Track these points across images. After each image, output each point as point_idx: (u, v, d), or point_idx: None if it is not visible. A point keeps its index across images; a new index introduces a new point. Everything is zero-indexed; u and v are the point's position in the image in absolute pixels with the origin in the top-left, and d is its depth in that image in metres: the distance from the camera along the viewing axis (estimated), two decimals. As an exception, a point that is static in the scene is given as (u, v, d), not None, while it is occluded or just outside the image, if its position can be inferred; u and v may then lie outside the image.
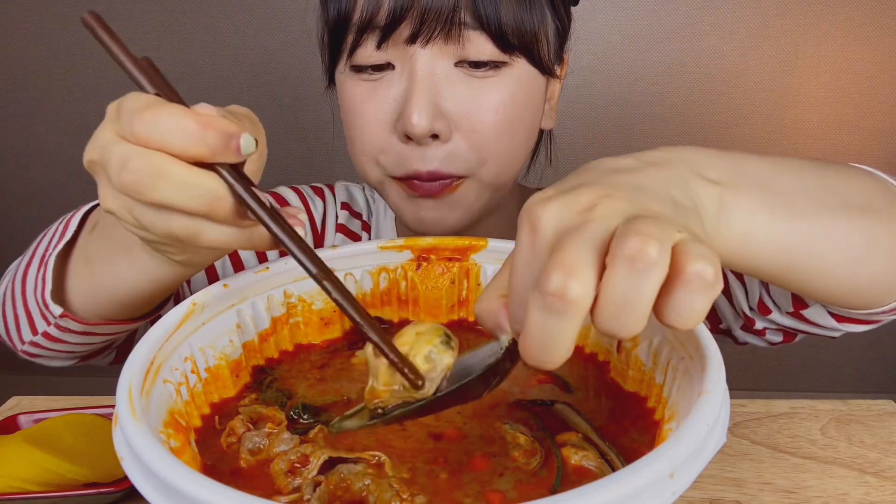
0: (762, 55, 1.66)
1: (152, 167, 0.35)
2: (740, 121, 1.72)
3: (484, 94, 0.61)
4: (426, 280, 0.53)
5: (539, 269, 0.30)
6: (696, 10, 1.64)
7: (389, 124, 0.62)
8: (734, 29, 1.65)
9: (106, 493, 0.47)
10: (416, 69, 0.59)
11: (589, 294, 0.27)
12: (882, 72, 1.65)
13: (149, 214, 0.37)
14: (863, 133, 1.71)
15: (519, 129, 0.64)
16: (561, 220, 0.30)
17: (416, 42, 0.59)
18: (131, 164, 0.35)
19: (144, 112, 0.35)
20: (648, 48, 1.67)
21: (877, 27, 1.62)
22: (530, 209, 0.32)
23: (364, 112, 0.63)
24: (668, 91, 1.70)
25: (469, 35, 0.59)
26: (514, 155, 0.66)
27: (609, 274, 0.27)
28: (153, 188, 0.35)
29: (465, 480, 0.35)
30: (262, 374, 0.47)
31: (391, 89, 0.61)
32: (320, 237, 0.80)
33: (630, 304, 0.27)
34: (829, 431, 0.54)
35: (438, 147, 0.61)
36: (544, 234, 0.31)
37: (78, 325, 0.54)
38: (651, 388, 0.41)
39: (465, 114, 0.61)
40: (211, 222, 0.37)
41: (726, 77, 1.69)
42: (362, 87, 0.63)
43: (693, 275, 0.26)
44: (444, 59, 0.60)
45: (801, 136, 1.72)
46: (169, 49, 1.73)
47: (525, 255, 0.32)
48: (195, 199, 0.35)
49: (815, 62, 1.66)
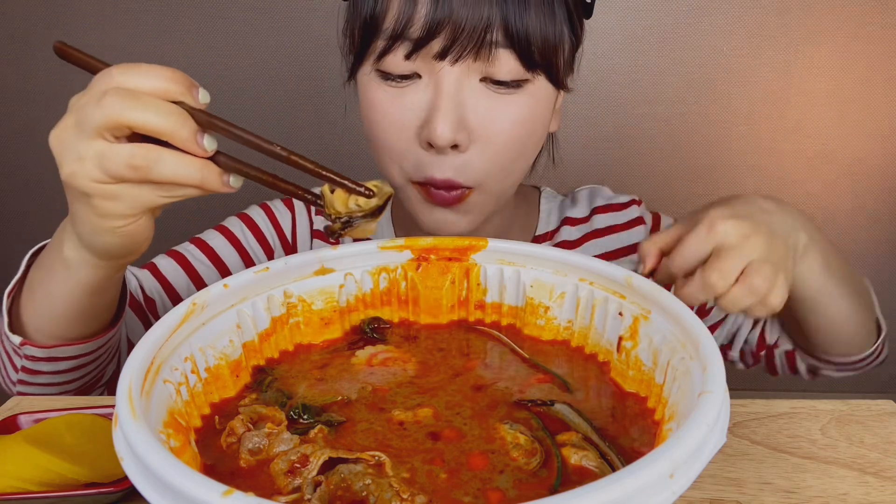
0: (762, 55, 1.66)
1: (130, 92, 0.42)
2: (740, 120, 1.72)
3: (504, 110, 0.62)
4: (426, 280, 0.53)
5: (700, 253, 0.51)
6: (696, 10, 1.64)
7: (413, 130, 0.63)
8: (734, 29, 1.64)
9: (106, 493, 0.47)
10: (443, 83, 0.60)
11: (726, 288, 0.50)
12: (882, 72, 1.65)
13: (113, 150, 0.43)
14: (863, 133, 1.70)
15: (529, 142, 0.66)
16: (727, 236, 0.51)
17: (445, 58, 0.59)
18: (110, 95, 0.42)
19: (115, 69, 0.43)
20: (648, 48, 1.67)
21: (877, 27, 1.62)
22: (715, 218, 0.51)
23: (389, 115, 0.64)
24: (668, 91, 1.70)
25: (497, 53, 0.59)
26: (522, 165, 0.68)
27: (736, 288, 0.50)
28: (131, 108, 0.42)
29: (464, 479, 0.35)
30: (262, 374, 0.47)
31: (416, 96, 0.62)
32: (292, 248, 0.81)
33: (736, 306, 0.51)
34: (829, 431, 0.54)
35: (455, 156, 0.63)
36: (716, 237, 0.51)
37: (38, 350, 0.59)
38: (651, 388, 0.41)
39: (484, 127, 0.62)
40: (169, 152, 0.43)
41: (726, 77, 1.68)
42: (388, 91, 0.63)
43: (769, 302, 0.52)
44: (471, 76, 0.61)
45: (801, 136, 1.72)
46: (169, 48, 1.73)
47: (698, 240, 0.51)
48: (163, 117, 0.42)
49: (815, 62, 1.66)
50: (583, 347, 0.49)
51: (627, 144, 1.73)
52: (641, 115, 1.73)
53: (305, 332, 0.51)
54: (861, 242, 1.78)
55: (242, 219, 0.82)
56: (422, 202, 0.67)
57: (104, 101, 0.42)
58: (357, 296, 0.53)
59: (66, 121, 0.44)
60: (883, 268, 1.79)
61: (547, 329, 0.51)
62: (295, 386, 0.45)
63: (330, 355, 0.49)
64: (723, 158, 1.76)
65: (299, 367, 0.48)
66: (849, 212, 1.77)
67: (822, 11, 1.62)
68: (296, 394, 0.44)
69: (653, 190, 1.77)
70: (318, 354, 0.50)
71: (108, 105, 0.42)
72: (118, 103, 0.42)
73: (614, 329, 0.46)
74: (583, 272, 0.49)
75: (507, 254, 0.53)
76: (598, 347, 0.48)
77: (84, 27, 1.70)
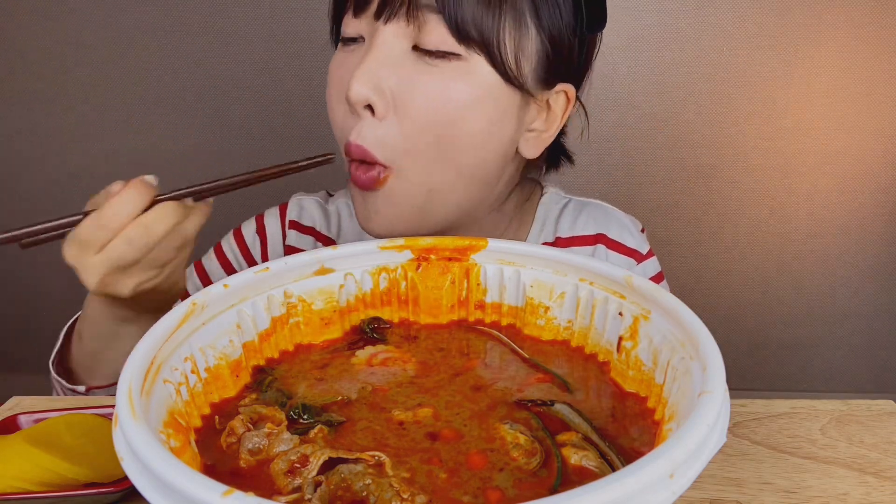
0: (762, 55, 1.66)
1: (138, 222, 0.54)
2: (740, 120, 1.72)
3: (426, 82, 0.59)
4: (426, 280, 0.53)
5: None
6: (695, 10, 1.64)
7: (344, 94, 0.62)
8: (734, 29, 1.64)
9: (106, 493, 0.47)
10: (374, 43, 0.60)
11: None
12: (882, 72, 1.65)
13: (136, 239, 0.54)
14: (863, 133, 1.70)
15: (461, 132, 0.60)
16: None
17: (381, 18, 0.59)
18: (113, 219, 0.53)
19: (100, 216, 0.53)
20: (648, 48, 1.67)
21: (877, 27, 1.62)
22: None
23: (332, 81, 0.64)
24: (668, 91, 1.70)
25: (427, 18, 0.58)
26: (454, 162, 0.62)
27: None
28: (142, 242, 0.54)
29: (464, 479, 0.35)
30: (262, 374, 0.47)
31: (354, 59, 0.62)
32: None
33: None
34: (829, 431, 0.54)
35: (373, 124, 0.60)
36: None
37: (105, 389, 0.68)
38: (651, 388, 0.41)
39: (403, 94, 0.59)
40: None
41: (726, 77, 1.68)
42: (339, 57, 0.64)
43: None
44: (402, 40, 0.60)
45: (801, 136, 1.72)
46: (170, 47, 1.73)
47: None
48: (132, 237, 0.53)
49: (815, 62, 1.66)
50: (583, 347, 0.49)
51: (627, 144, 1.73)
52: (641, 115, 1.73)
53: (305, 332, 0.51)
54: (861, 242, 1.78)
55: (217, 250, 0.83)
56: (354, 190, 0.65)
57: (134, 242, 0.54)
58: (357, 296, 0.53)
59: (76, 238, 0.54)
60: (882, 268, 1.79)
61: (547, 329, 0.51)
62: (295, 386, 0.45)
63: (330, 355, 0.49)
64: (723, 158, 1.76)
65: (299, 367, 0.48)
66: (849, 212, 1.77)
67: (822, 11, 1.62)
68: (296, 394, 0.44)
69: (653, 190, 1.77)
70: (318, 354, 0.50)
71: (133, 231, 0.53)
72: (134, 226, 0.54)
73: (614, 329, 0.46)
74: (583, 272, 0.49)
75: (507, 254, 0.53)
76: (598, 347, 0.48)
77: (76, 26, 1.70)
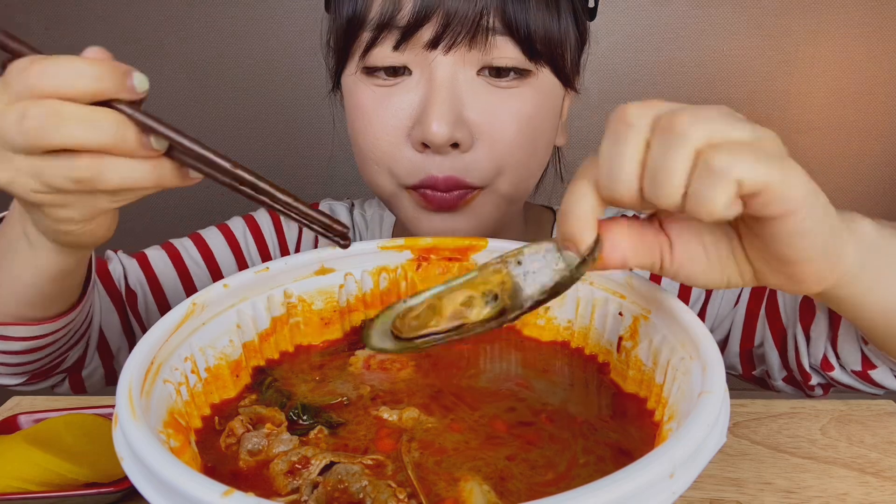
0: (762, 55, 1.66)
1: (52, 109, 0.35)
2: (740, 121, 1.72)
3: (507, 104, 0.58)
4: (426, 280, 0.53)
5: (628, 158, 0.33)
6: (696, 10, 1.64)
7: (404, 132, 0.59)
8: (734, 29, 1.64)
9: (106, 493, 0.47)
10: (436, 76, 0.56)
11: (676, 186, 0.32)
12: (882, 72, 1.65)
13: (51, 165, 0.37)
14: (863, 133, 1.70)
15: (539, 141, 0.61)
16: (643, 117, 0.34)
17: (437, 47, 0.55)
18: (30, 112, 0.35)
19: (32, 66, 0.35)
20: (648, 48, 1.67)
21: (876, 27, 1.62)
22: None
23: (376, 119, 0.59)
24: (668, 91, 1.70)
25: (496, 41, 0.56)
26: (532, 168, 0.63)
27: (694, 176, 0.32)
28: (56, 129, 0.35)
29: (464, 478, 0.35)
30: (261, 374, 0.47)
31: (407, 95, 0.58)
32: None
33: (701, 206, 0.31)
34: (829, 431, 0.54)
35: (457, 157, 0.58)
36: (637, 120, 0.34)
37: None
38: (651, 388, 0.41)
39: (486, 123, 0.58)
40: (114, 158, 0.37)
41: (726, 77, 1.68)
42: (375, 92, 0.59)
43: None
44: (466, 67, 0.57)
45: (801, 136, 1.72)
46: (170, 48, 1.73)
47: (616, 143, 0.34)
48: (98, 131, 0.36)
49: (815, 62, 1.66)
50: (583, 349, 0.49)
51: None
52: (641, 115, 1.73)
53: (305, 333, 0.51)
54: (861, 242, 1.78)
55: (248, 222, 0.78)
56: (417, 209, 0.61)
57: (24, 124, 0.35)
58: (357, 296, 0.53)
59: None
60: (883, 268, 1.79)
61: (547, 329, 0.51)
62: (295, 387, 0.45)
63: (330, 356, 0.49)
64: (723, 158, 1.76)
65: (299, 367, 0.48)
66: (849, 211, 1.77)
67: (822, 11, 1.62)
68: (295, 394, 0.44)
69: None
70: (318, 355, 0.50)
71: (30, 129, 0.35)
72: (40, 125, 0.35)
73: (614, 329, 0.46)
74: (583, 272, 0.49)
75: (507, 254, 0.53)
76: (598, 348, 0.48)
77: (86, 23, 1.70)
